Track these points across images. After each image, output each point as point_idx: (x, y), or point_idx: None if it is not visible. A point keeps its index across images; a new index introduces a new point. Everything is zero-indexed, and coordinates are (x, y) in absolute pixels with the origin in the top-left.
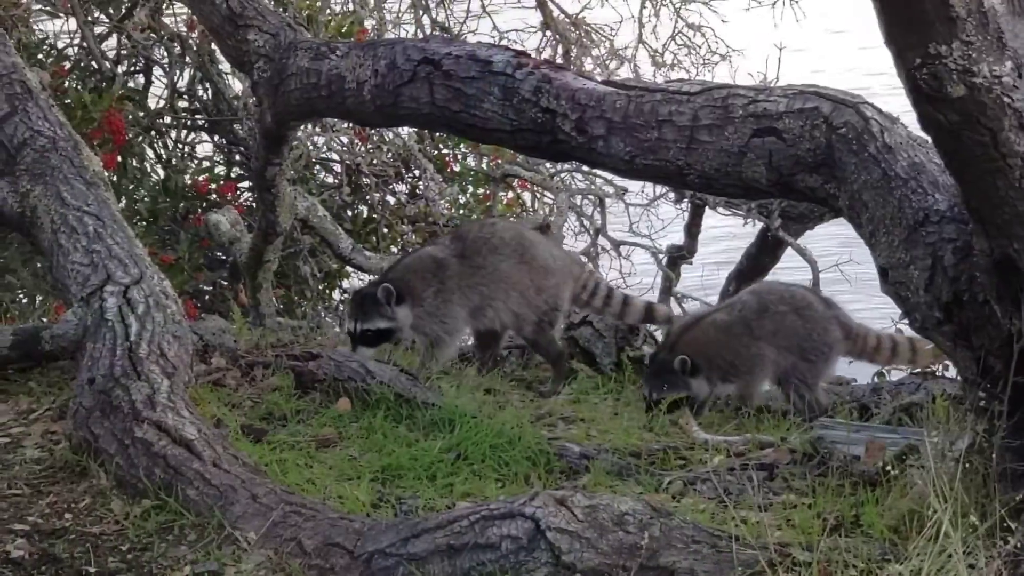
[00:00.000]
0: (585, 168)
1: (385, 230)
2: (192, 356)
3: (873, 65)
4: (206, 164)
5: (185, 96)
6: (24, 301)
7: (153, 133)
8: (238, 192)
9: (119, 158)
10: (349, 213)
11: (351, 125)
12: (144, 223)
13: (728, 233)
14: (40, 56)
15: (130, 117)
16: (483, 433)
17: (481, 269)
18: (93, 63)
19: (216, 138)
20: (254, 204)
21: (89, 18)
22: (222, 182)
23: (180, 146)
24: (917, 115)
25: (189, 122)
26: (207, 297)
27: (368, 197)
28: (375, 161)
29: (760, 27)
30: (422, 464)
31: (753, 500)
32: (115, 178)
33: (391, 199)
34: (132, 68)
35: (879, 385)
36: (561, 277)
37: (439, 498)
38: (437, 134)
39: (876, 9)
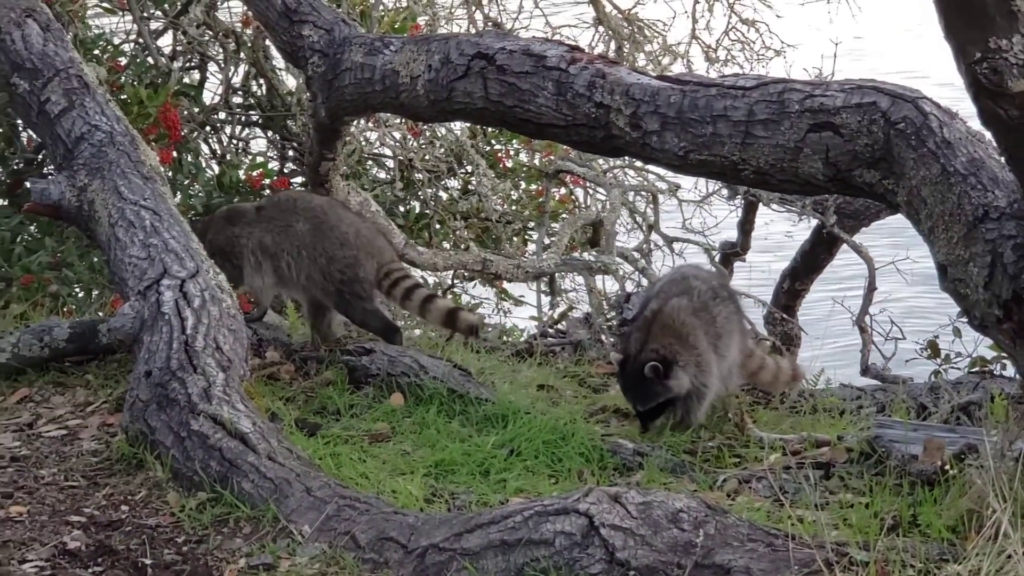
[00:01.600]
0: (638, 164)
1: (437, 226)
2: (247, 350)
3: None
4: (260, 159)
5: (239, 92)
6: (81, 295)
7: (208, 128)
8: (292, 187)
9: (175, 153)
10: (402, 208)
11: (404, 120)
12: (199, 218)
13: (782, 231)
14: (97, 52)
15: (185, 113)
16: (536, 429)
17: (273, 220)
18: (149, 59)
19: (270, 133)
20: None
21: (145, 14)
22: (276, 177)
23: (235, 141)
24: (977, 110)
25: (243, 118)
26: None
27: (420, 192)
28: (427, 156)
29: (818, 22)
30: (475, 459)
31: (809, 499)
32: (170, 173)
33: (443, 195)
34: (187, 64)
35: (937, 384)
36: (361, 252)
37: (492, 493)
38: (490, 129)
39: (936, 4)
